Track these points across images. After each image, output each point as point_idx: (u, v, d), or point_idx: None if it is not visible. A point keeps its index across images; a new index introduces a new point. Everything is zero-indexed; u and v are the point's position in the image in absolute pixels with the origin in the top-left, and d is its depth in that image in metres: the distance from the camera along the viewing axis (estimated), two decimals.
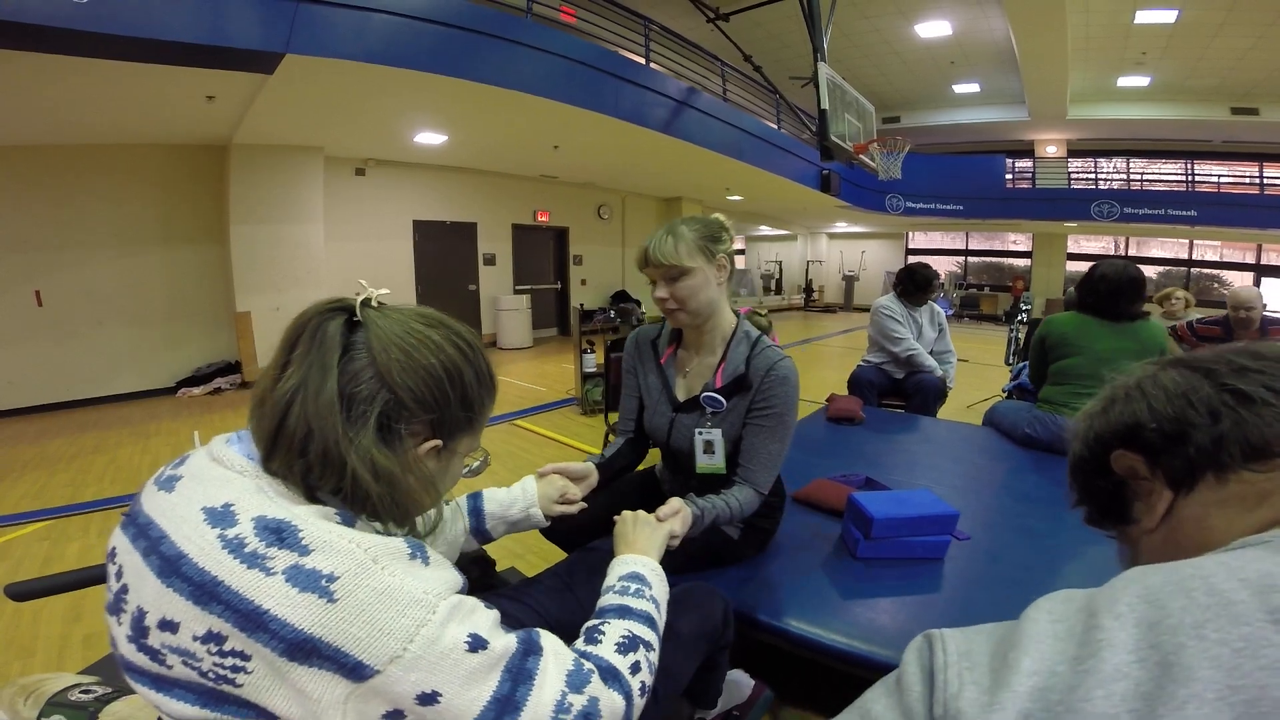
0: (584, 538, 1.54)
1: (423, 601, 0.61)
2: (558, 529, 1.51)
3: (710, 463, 1.48)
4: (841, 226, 18.18)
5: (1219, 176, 13.17)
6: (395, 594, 0.60)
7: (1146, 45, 10.73)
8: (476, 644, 0.63)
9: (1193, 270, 14.91)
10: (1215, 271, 14.82)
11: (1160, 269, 15.45)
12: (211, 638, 0.57)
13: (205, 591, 0.57)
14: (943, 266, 17.62)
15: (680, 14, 8.91)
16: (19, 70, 3.88)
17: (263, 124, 5.84)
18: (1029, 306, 8.96)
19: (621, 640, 0.83)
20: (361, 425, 0.67)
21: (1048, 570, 1.72)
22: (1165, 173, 13.51)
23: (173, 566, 0.59)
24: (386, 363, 0.69)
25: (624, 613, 0.89)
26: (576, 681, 0.71)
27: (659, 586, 0.99)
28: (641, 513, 1.16)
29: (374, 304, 0.76)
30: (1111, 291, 2.69)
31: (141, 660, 0.61)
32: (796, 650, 1.45)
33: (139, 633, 0.60)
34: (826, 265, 19.31)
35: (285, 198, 6.83)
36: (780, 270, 18.88)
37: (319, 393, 0.66)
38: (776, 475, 1.52)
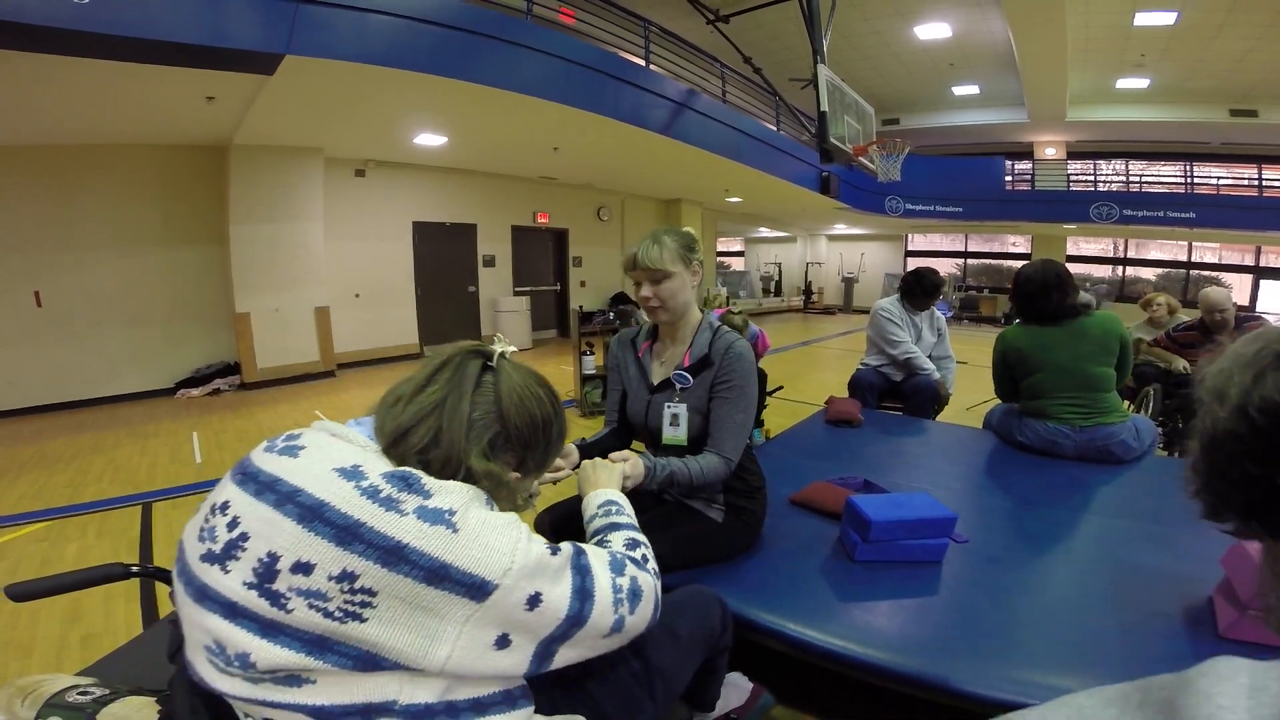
0: (571, 527, 1.55)
1: (512, 524, 0.77)
2: (545, 521, 1.70)
3: (674, 434, 1.67)
4: (841, 228, 18.18)
5: (1218, 178, 13.18)
6: (493, 521, 0.75)
7: (1146, 47, 10.74)
8: (553, 549, 0.81)
9: (1191, 272, 14.92)
10: (1214, 273, 14.83)
11: (1159, 271, 15.47)
12: (345, 576, 0.66)
13: (349, 533, 0.67)
14: (942, 268, 17.61)
15: (680, 15, 8.91)
16: (19, 71, 3.89)
17: (263, 125, 5.84)
18: None
19: (626, 542, 1.02)
20: (474, 441, 0.84)
21: (1046, 573, 1.72)
22: (1164, 175, 13.53)
23: (315, 513, 0.69)
24: (508, 406, 0.88)
25: (615, 527, 1.08)
26: (616, 567, 0.90)
27: (628, 507, 1.18)
28: (598, 459, 1.36)
29: (509, 356, 0.96)
30: (1040, 289, 2.68)
31: (258, 605, 0.67)
32: (794, 653, 1.45)
33: (266, 577, 0.67)
34: (826, 267, 19.30)
35: (285, 198, 6.84)
36: (779, 272, 18.88)
37: (454, 410, 0.84)
38: (743, 446, 1.67)
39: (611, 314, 6.01)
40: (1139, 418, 2.75)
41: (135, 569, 1.19)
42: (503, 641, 0.73)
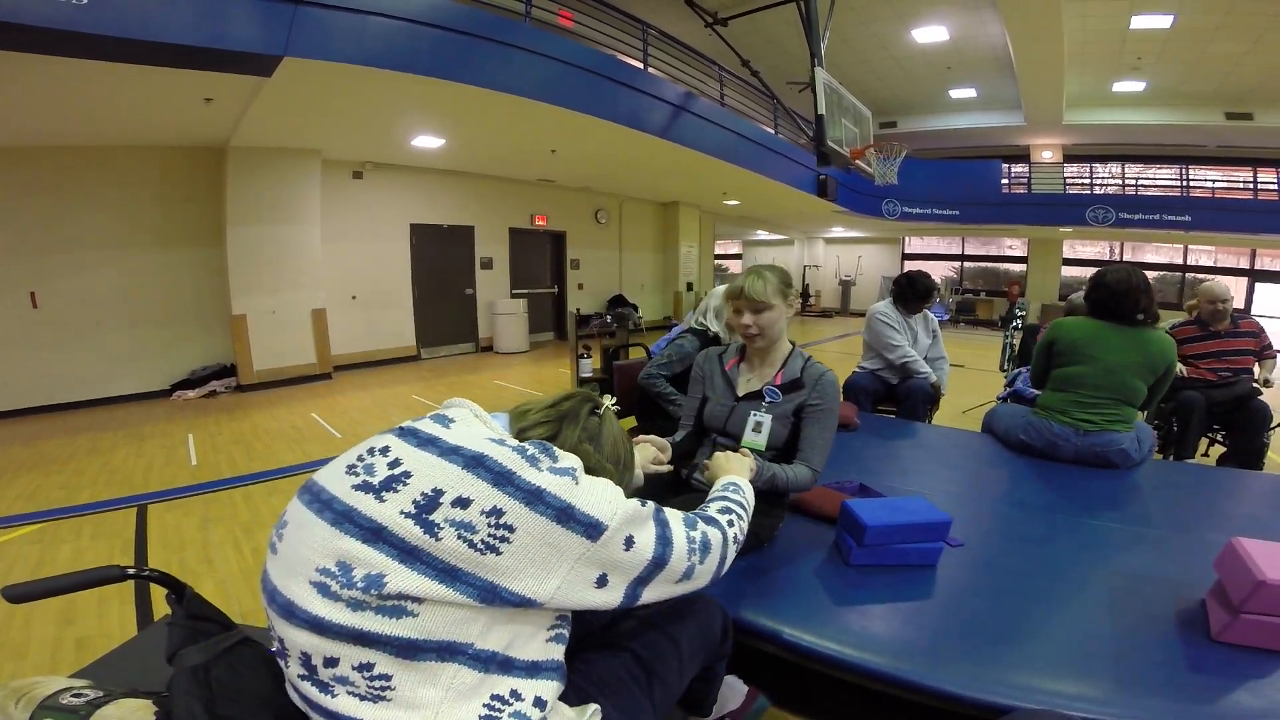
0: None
1: (610, 483, 0.94)
2: None
3: (754, 439, 1.85)
4: (838, 231, 18.20)
5: (1213, 181, 13.21)
6: (599, 481, 0.93)
7: (1142, 50, 10.76)
8: (643, 503, 0.97)
9: (1187, 275, 14.96)
10: (1209, 276, 14.86)
11: (1155, 274, 15.51)
12: (495, 512, 0.81)
13: (504, 478, 0.84)
14: (939, 271, 17.64)
15: (678, 19, 8.92)
16: (17, 71, 3.88)
17: (260, 126, 5.84)
18: (1024, 312, 8.97)
19: (721, 507, 1.21)
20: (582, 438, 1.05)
21: (1041, 577, 1.73)
22: (1160, 178, 13.54)
23: (478, 461, 0.85)
24: (604, 440, 1.09)
25: (723, 499, 1.25)
26: (690, 523, 1.06)
27: (749, 493, 1.34)
28: (730, 451, 1.57)
29: (613, 409, 1.18)
30: (1124, 293, 2.64)
31: (411, 532, 0.79)
32: (790, 657, 1.46)
33: (427, 508, 0.80)
34: (823, 270, 19.33)
35: (282, 200, 6.83)
36: None
37: (574, 422, 1.06)
38: (826, 458, 1.87)
39: (609, 317, 6.01)
40: (1142, 425, 2.75)
41: (132, 571, 1.18)
42: (602, 580, 0.89)
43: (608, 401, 1.19)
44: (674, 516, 1.04)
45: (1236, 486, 2.60)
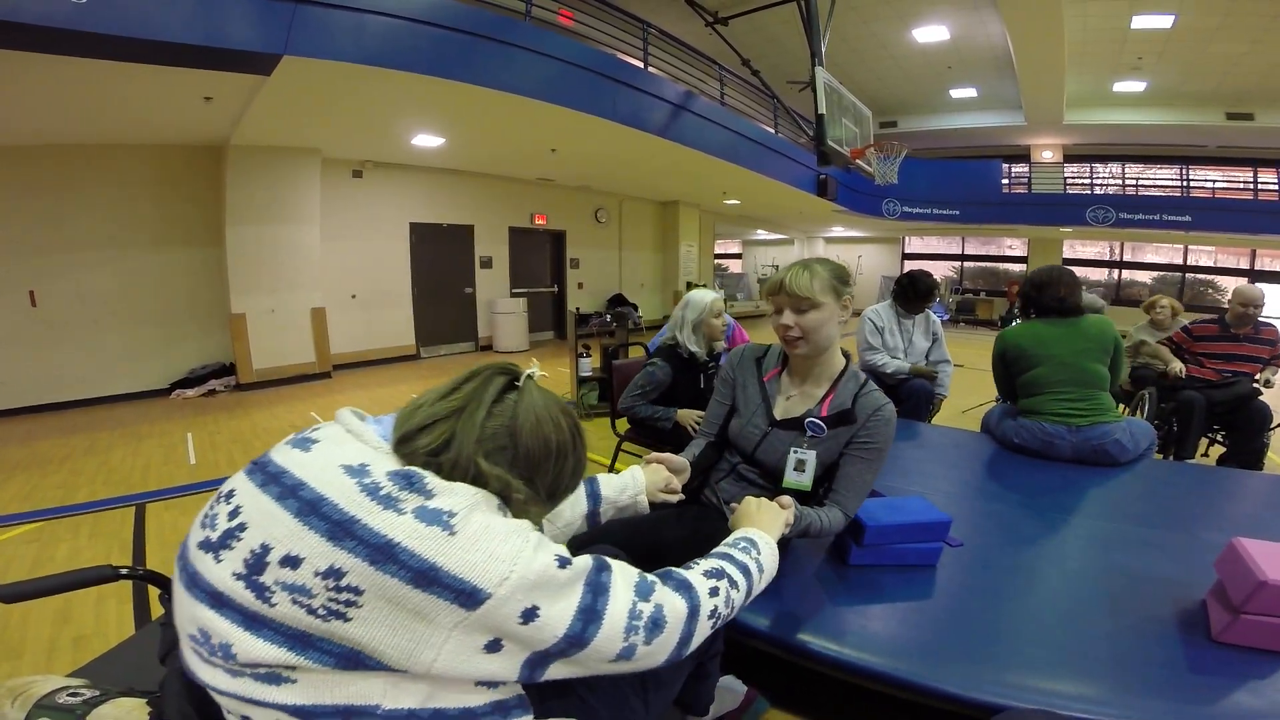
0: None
1: (519, 531, 0.74)
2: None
3: (798, 480, 1.58)
4: (838, 231, 18.21)
5: (1214, 182, 13.21)
6: (498, 527, 0.72)
7: (1143, 50, 10.76)
8: (563, 562, 0.76)
9: (1187, 275, 14.96)
10: (1209, 277, 14.88)
11: (1155, 274, 15.52)
12: (332, 573, 0.65)
13: (341, 529, 0.67)
14: (939, 271, 17.63)
15: (678, 18, 8.91)
16: (16, 70, 3.87)
17: (260, 125, 5.83)
18: None
19: (711, 569, 0.98)
20: (480, 450, 0.81)
21: (1040, 577, 1.73)
22: (1160, 178, 13.55)
23: (313, 507, 0.68)
24: (521, 423, 0.84)
25: (725, 557, 1.04)
26: (643, 591, 0.84)
27: (768, 556, 1.11)
28: (764, 499, 1.28)
29: (536, 379, 0.93)
30: (1046, 282, 2.81)
31: (244, 596, 0.67)
32: (789, 657, 1.45)
33: (254, 568, 0.67)
34: None
35: (282, 199, 6.82)
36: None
37: (471, 416, 0.82)
38: (863, 502, 1.63)
39: (608, 316, 6.01)
40: (1135, 420, 2.77)
41: (125, 571, 1.18)
42: (494, 646, 0.70)
43: (532, 368, 0.95)
44: (620, 579, 0.82)
45: (1237, 487, 2.60)
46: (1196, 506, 2.28)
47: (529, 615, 0.70)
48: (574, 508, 1.28)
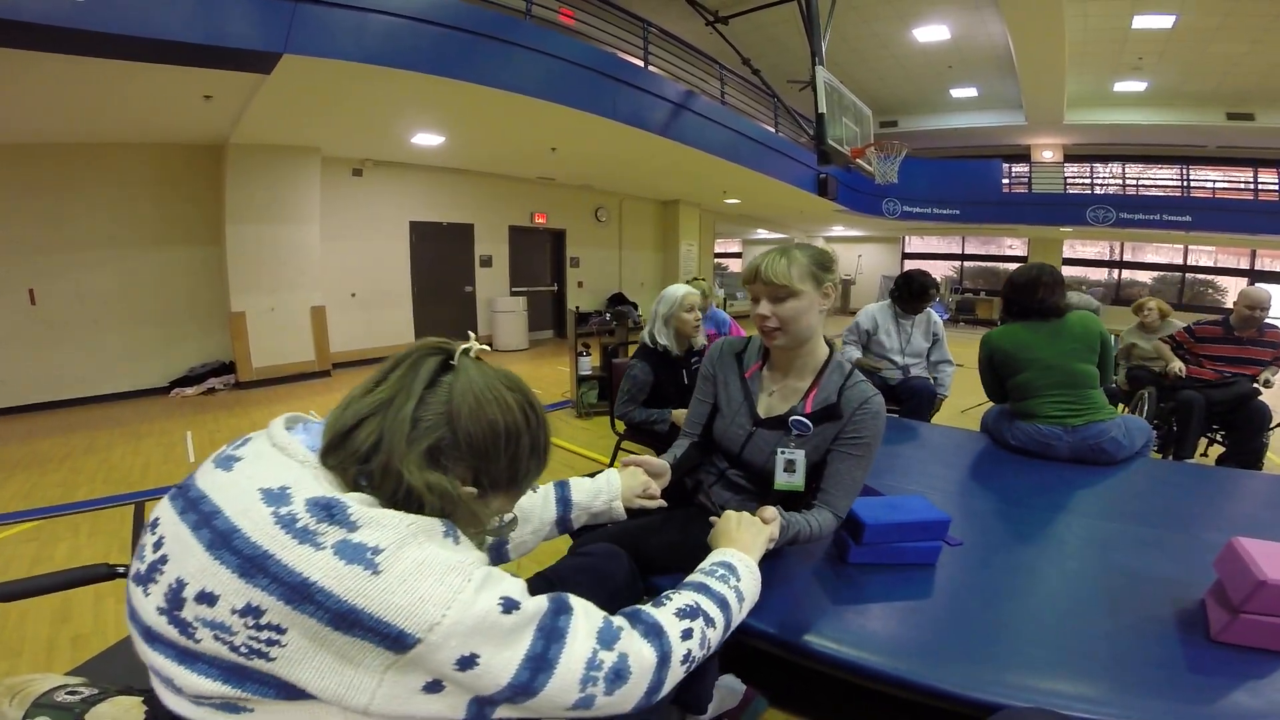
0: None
1: (459, 569, 0.65)
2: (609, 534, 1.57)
3: (790, 481, 1.52)
4: (838, 230, 18.20)
5: (1214, 182, 13.21)
6: (433, 564, 0.64)
7: (1143, 50, 10.76)
8: (509, 606, 0.68)
9: (1187, 275, 14.96)
10: (1209, 277, 14.88)
11: (1155, 274, 15.52)
12: (250, 611, 0.60)
13: (254, 565, 0.60)
14: (939, 271, 17.64)
15: (679, 17, 8.91)
16: (16, 69, 3.87)
17: (260, 124, 5.83)
18: None
19: (684, 607, 0.89)
20: (414, 446, 0.72)
21: (1040, 576, 1.72)
22: (1160, 178, 13.55)
23: (225, 540, 0.62)
24: (459, 406, 0.75)
25: (701, 589, 0.96)
26: (606, 638, 0.76)
27: (749, 582, 1.05)
28: (745, 514, 1.22)
29: (473, 354, 0.82)
30: (1028, 284, 2.74)
31: (169, 632, 0.63)
32: (788, 656, 1.45)
33: (173, 604, 0.62)
34: None
35: (282, 198, 6.82)
36: None
37: (399, 411, 0.73)
38: (854, 501, 1.57)
39: (608, 315, 6.01)
40: (1131, 417, 2.76)
41: (122, 570, 1.18)
42: (434, 686, 0.64)
43: (469, 343, 0.84)
44: (582, 623, 0.75)
45: (1236, 486, 2.60)
46: (1195, 506, 2.28)
47: (466, 663, 0.64)
48: (543, 513, 1.22)
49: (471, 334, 0.88)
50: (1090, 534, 1.99)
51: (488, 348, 0.85)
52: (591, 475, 1.35)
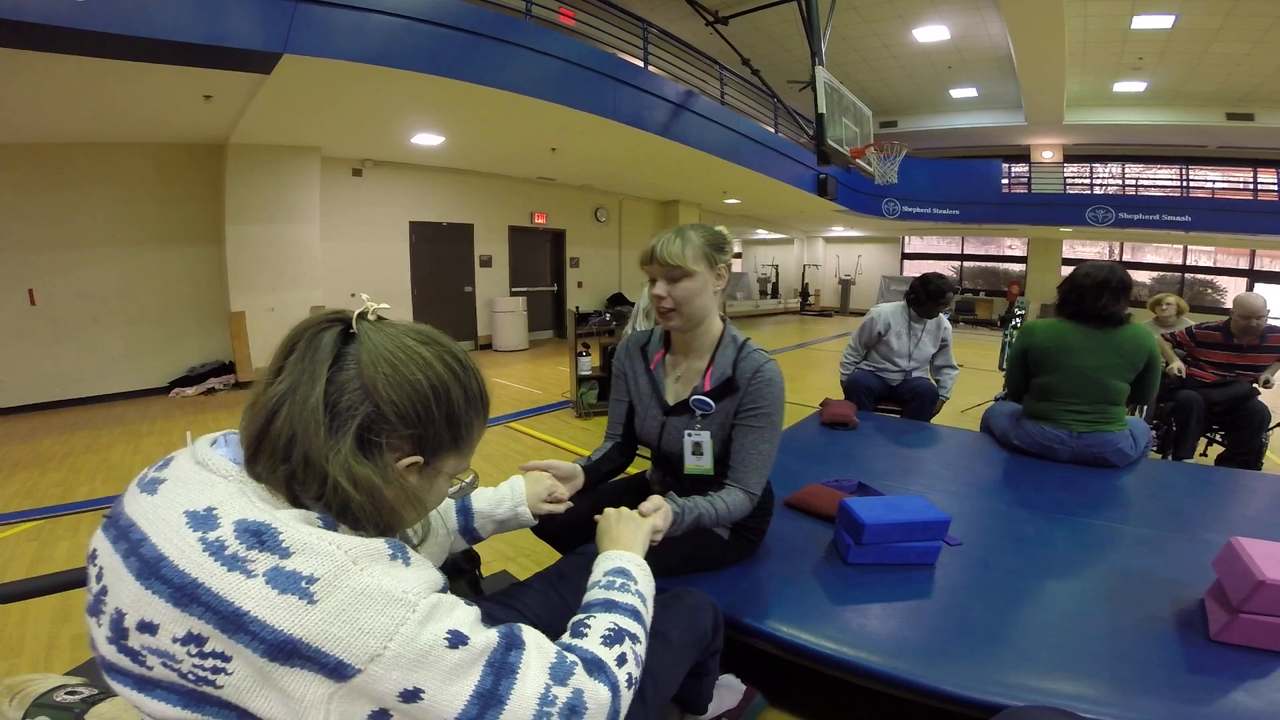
0: (574, 536, 1.53)
1: (402, 600, 0.62)
2: (547, 529, 1.54)
3: (698, 464, 1.51)
4: (838, 230, 18.20)
5: (1213, 182, 13.21)
6: (374, 594, 0.61)
7: (1143, 50, 10.76)
8: (456, 640, 0.64)
9: (1187, 276, 14.96)
10: (1209, 277, 14.89)
11: (1154, 274, 15.51)
12: (191, 639, 0.58)
13: (185, 594, 0.57)
14: (938, 271, 17.62)
15: (679, 17, 8.92)
16: (16, 68, 3.87)
17: (260, 124, 5.83)
18: (1024, 311, 9.00)
19: (607, 633, 0.84)
20: (342, 435, 0.67)
21: (1038, 577, 1.73)
22: (1160, 178, 13.55)
23: (153, 569, 0.59)
24: (373, 375, 0.69)
25: (609, 606, 0.91)
26: (560, 674, 0.72)
27: (645, 581, 1.00)
28: (624, 509, 1.17)
29: (371, 318, 0.76)
30: (1096, 287, 2.56)
31: (122, 661, 0.61)
32: (788, 655, 1.45)
33: (119, 634, 0.60)
34: (823, 269, 19.34)
35: (282, 198, 6.82)
36: (777, 274, 18.91)
37: (305, 399, 0.66)
38: (767, 477, 1.54)
39: (608, 315, 6.00)
40: (1135, 420, 2.75)
41: None
42: (381, 715, 0.62)
43: (366, 304, 0.77)
44: (536, 660, 0.71)
45: (1235, 486, 2.60)
46: (1195, 506, 2.28)
47: (410, 696, 0.61)
48: (446, 522, 1.19)
49: (364, 296, 0.81)
50: (1090, 534, 1.99)
51: (387, 305, 0.80)
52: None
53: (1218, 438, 3.85)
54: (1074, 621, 1.49)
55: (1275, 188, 12.21)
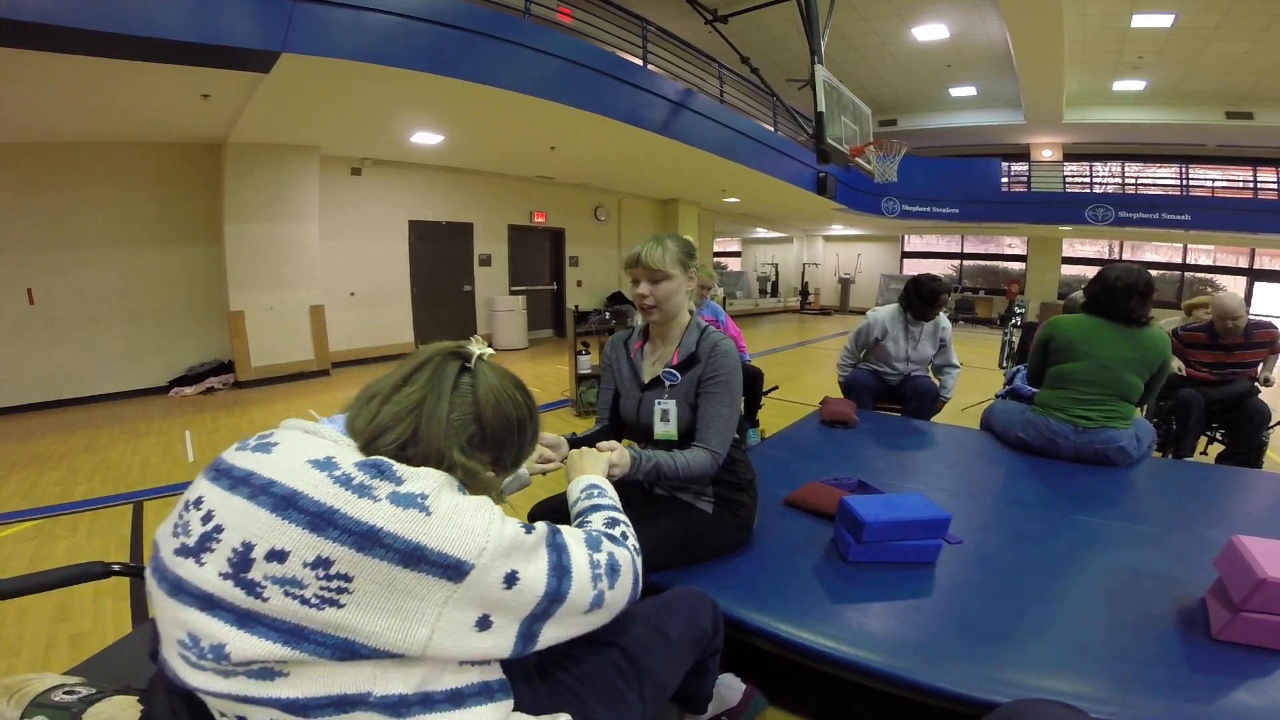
0: (564, 520, 1.56)
1: (484, 506, 0.79)
2: (536, 514, 1.75)
3: (665, 430, 1.74)
4: (837, 229, 18.20)
5: (1213, 181, 13.22)
6: (466, 504, 0.77)
7: (1143, 49, 10.76)
8: (528, 529, 0.83)
9: (1186, 274, 14.97)
10: (1209, 275, 14.90)
11: (1154, 273, 15.49)
12: (320, 563, 0.67)
13: (322, 519, 0.69)
14: (938, 270, 17.67)
15: (678, 15, 8.91)
16: (15, 68, 3.86)
17: (258, 123, 5.82)
18: (1023, 310, 8.99)
19: (605, 521, 1.07)
20: (453, 440, 0.86)
21: (1040, 575, 1.72)
22: (1160, 177, 13.56)
23: (289, 502, 0.70)
24: (484, 407, 0.90)
25: (596, 508, 1.12)
26: (592, 544, 0.92)
27: (611, 491, 1.22)
28: (586, 448, 1.40)
29: (486, 357, 0.97)
30: (1125, 290, 2.64)
31: (233, 595, 0.68)
32: (787, 654, 1.45)
33: (240, 566, 0.68)
34: (822, 268, 19.33)
35: (280, 197, 6.81)
36: (776, 273, 18.89)
37: (434, 410, 0.86)
38: (730, 440, 1.72)
39: (608, 314, 6.00)
40: (1140, 421, 2.75)
41: (117, 567, 1.18)
42: (484, 623, 0.75)
43: (478, 347, 0.97)
44: (572, 538, 0.90)
45: (1236, 485, 2.60)
46: (1196, 504, 2.28)
47: (510, 579, 0.76)
48: None
49: (478, 337, 1.01)
50: (1090, 532, 1.99)
51: (491, 350, 0.99)
52: None
53: (1218, 436, 3.85)
54: (1074, 620, 1.49)
55: (1274, 186, 12.22)
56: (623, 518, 1.09)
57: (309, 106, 5.51)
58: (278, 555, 0.67)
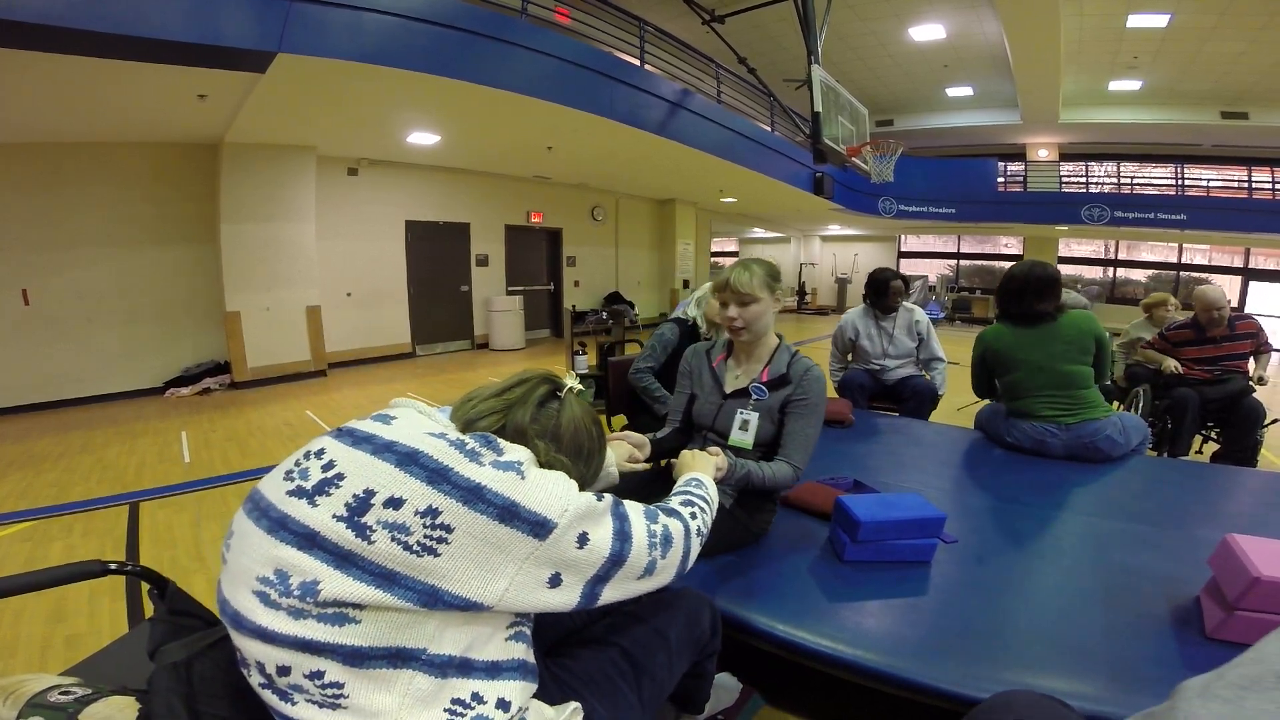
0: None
1: (564, 477, 0.90)
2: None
3: (741, 438, 1.83)
4: (834, 229, 18.21)
5: (1208, 181, 13.25)
6: (550, 474, 0.88)
7: (1138, 49, 10.79)
8: (598, 497, 0.93)
9: (1182, 274, 15.00)
10: (1204, 275, 14.93)
11: (1150, 272, 15.56)
12: (430, 512, 0.77)
13: (439, 475, 0.80)
14: (935, 270, 17.70)
15: (675, 15, 8.91)
16: (11, 67, 3.85)
17: (255, 123, 5.81)
18: None
19: (683, 499, 1.18)
20: (532, 440, 0.98)
21: (1035, 573, 1.73)
22: (1155, 177, 13.59)
23: (412, 458, 0.81)
24: (564, 431, 1.02)
25: (685, 494, 1.22)
26: (651, 517, 1.02)
27: (712, 490, 1.30)
28: (697, 450, 1.51)
29: (575, 392, 1.10)
30: (1019, 290, 2.76)
31: (344, 536, 0.76)
32: (784, 654, 1.45)
33: (358, 510, 0.77)
34: (820, 268, 19.34)
35: (277, 197, 6.80)
36: None
37: (520, 414, 0.99)
38: (809, 457, 1.81)
39: (604, 313, 6.00)
40: (1128, 415, 2.77)
41: (114, 566, 1.18)
42: (555, 580, 0.85)
43: (571, 381, 1.11)
44: (633, 510, 1.00)
45: (1230, 483, 2.61)
46: (1191, 503, 2.28)
47: (582, 540, 0.86)
48: None
49: (573, 373, 1.19)
50: (1085, 531, 2.00)
51: (581, 386, 1.13)
52: None
53: (1213, 435, 3.86)
54: (1069, 618, 1.49)
55: (1270, 186, 12.25)
56: (704, 505, 1.19)
57: (305, 107, 5.50)
58: (395, 502, 0.77)
